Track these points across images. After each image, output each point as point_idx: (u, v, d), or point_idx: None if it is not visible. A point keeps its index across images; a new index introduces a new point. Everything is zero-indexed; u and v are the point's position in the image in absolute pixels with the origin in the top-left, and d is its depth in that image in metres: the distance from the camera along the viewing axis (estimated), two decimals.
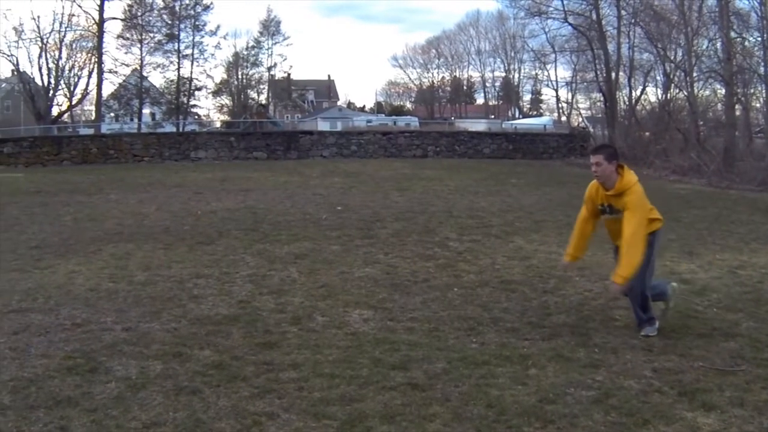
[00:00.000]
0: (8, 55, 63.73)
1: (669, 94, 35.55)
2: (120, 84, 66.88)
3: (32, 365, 6.16)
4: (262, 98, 79.01)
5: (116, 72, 64.56)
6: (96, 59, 59.30)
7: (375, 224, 13.57)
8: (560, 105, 62.68)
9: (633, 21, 37.68)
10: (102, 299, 8.29)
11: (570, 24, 41.33)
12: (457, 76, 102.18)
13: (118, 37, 63.76)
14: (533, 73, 72.52)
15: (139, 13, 62.59)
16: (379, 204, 16.37)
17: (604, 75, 39.18)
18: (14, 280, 9.31)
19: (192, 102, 69.82)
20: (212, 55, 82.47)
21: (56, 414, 5.13)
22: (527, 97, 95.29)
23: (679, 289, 7.51)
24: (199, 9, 65.48)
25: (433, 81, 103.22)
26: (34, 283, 9.05)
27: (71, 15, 60.42)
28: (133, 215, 15.56)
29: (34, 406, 5.29)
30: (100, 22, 57.90)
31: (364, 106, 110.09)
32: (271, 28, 76.40)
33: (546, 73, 65.11)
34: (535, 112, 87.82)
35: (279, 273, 9.68)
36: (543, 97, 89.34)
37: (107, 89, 63.94)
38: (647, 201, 6.77)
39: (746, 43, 31.08)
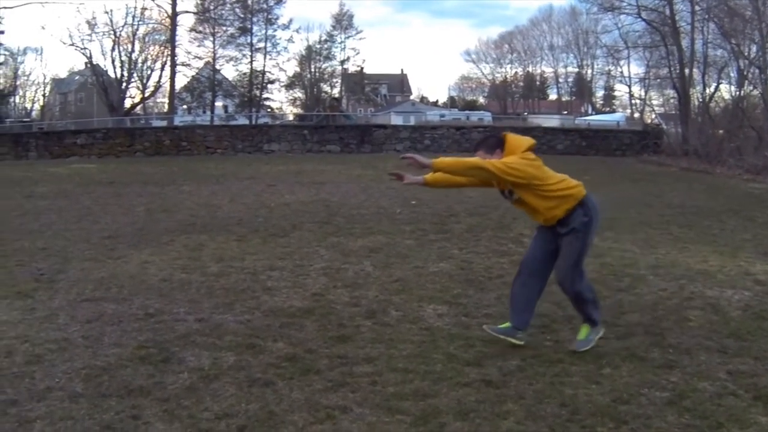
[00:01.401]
0: (82, 48, 65.15)
1: (743, 91, 34.83)
2: (193, 77, 67.77)
3: (105, 354, 6.27)
4: (335, 92, 79.47)
5: (189, 65, 65.62)
6: (169, 52, 60.29)
7: (449, 219, 13.52)
8: (633, 101, 61.87)
9: (707, 17, 36.94)
10: (175, 290, 8.41)
11: (643, 19, 40.82)
12: (530, 71, 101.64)
13: (191, 30, 64.90)
14: (606, 68, 71.84)
15: (211, 7, 63.39)
16: (452, 199, 16.28)
17: (678, 71, 38.46)
18: (87, 269, 9.50)
19: (265, 95, 70.55)
20: (285, 48, 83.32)
21: (128, 403, 5.20)
22: (600, 93, 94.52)
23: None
24: (271, 3, 66.36)
25: (505, 76, 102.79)
26: (107, 273, 9.21)
27: (144, 9, 61.70)
28: (206, 207, 15.77)
29: (106, 394, 5.38)
30: (173, 16, 58.93)
31: (437, 101, 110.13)
32: (343, 22, 76.94)
33: (619, 69, 64.23)
34: (607, 109, 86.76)
35: (353, 266, 9.71)
36: (616, 93, 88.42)
37: (180, 82, 65.04)
38: (527, 168, 6.29)
39: None
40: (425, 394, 5.32)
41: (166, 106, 69.48)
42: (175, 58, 60.79)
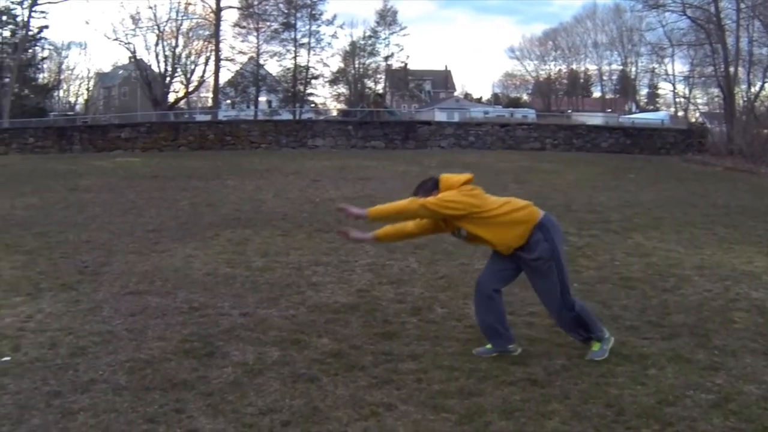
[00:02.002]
0: (126, 43, 65.82)
1: None
2: (237, 71, 68.11)
3: (149, 347, 6.32)
4: (379, 88, 79.48)
5: (233, 60, 65.93)
6: (212, 47, 60.70)
7: None
8: (677, 100, 61.24)
9: (752, 14, 36.43)
10: (219, 284, 8.45)
11: (688, 17, 40.34)
12: (574, 68, 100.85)
13: (235, 25, 65.18)
14: (650, 66, 70.97)
15: (255, 2, 63.64)
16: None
17: (722, 70, 37.96)
18: (132, 262, 9.59)
19: (308, 90, 70.67)
20: (329, 44, 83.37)
21: (172, 396, 5.24)
22: (644, 92, 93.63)
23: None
24: None
25: (549, 73, 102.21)
26: (152, 266, 9.28)
27: (188, 4, 62.06)
28: (250, 201, 15.84)
29: (150, 387, 5.41)
30: (217, 11, 59.21)
31: (480, 98, 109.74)
32: (387, 18, 76.72)
33: (663, 67, 63.49)
34: (651, 107, 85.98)
35: (398, 263, 9.69)
36: (660, 92, 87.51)
37: (224, 77, 65.28)
38: (463, 198, 5.99)
39: None
40: (470, 392, 5.30)
41: (210, 100, 69.94)
42: (219, 53, 61.14)
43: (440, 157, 30.28)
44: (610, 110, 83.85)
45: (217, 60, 60.93)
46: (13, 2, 62.71)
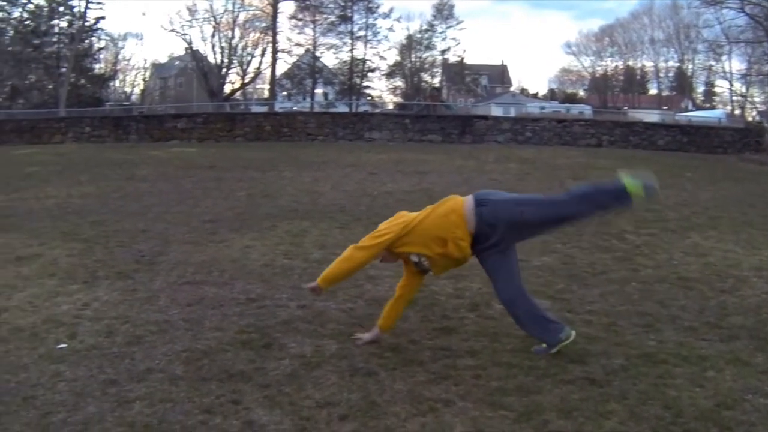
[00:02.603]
0: (182, 34, 66.58)
1: None
2: (293, 63, 68.59)
3: (206, 337, 6.34)
4: (436, 81, 79.51)
5: (290, 52, 66.41)
6: (269, 39, 61.11)
7: None
8: (734, 98, 60.41)
9: None
10: (277, 275, 8.46)
11: (746, 14, 39.80)
12: (630, 65, 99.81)
13: (291, 17, 65.71)
14: (707, 64, 70.28)
15: None
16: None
17: None
18: (188, 252, 9.65)
19: (365, 83, 71.04)
20: (385, 37, 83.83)
21: (229, 387, 5.25)
22: (700, 89, 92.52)
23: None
24: None
25: (606, 69, 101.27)
26: (208, 256, 9.32)
27: None
28: (307, 193, 15.85)
29: (206, 378, 5.43)
30: (274, 3, 59.70)
31: (537, 93, 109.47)
32: (444, 11, 76.82)
33: (720, 65, 62.72)
34: (708, 105, 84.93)
35: None
36: (716, 89, 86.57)
37: (280, 68, 65.83)
38: (389, 223, 6.05)
39: None
40: (528, 390, 5.26)
41: (266, 92, 70.40)
42: (277, 44, 61.56)
43: (497, 152, 30.11)
44: (666, 108, 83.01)
45: (274, 52, 61.47)
46: None
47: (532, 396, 5.14)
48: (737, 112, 56.46)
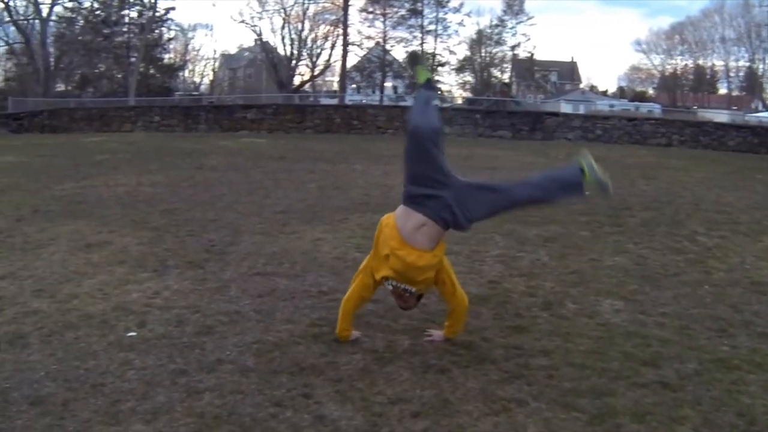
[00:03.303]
0: (252, 25, 67.13)
1: None
2: (363, 57, 68.92)
3: (277, 330, 6.36)
4: (505, 77, 79.39)
5: (360, 45, 66.77)
6: (340, 32, 61.55)
7: (623, 212, 13.13)
8: None
9: None
10: (349, 268, 8.39)
11: None
12: (700, 64, 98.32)
13: (362, 10, 66.05)
14: None
15: None
16: (626, 191, 15.86)
17: None
18: (259, 243, 9.66)
19: (435, 77, 71.08)
20: (456, 32, 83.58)
21: (300, 381, 5.26)
22: None
23: None
24: None
25: (675, 68, 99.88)
26: (279, 248, 9.33)
27: None
28: (378, 186, 15.80)
29: (277, 370, 5.45)
30: None
31: (606, 90, 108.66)
32: (514, 7, 76.63)
33: None
34: None
35: (529, 255, 9.55)
36: None
37: (350, 61, 66.15)
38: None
39: None
40: (602, 392, 5.23)
41: (335, 84, 70.78)
42: (347, 37, 61.79)
43: (567, 149, 29.80)
44: (735, 108, 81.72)
45: (345, 45, 61.57)
46: None
47: (605, 398, 5.12)
48: None
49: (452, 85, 78.53)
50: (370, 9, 66.82)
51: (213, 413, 4.76)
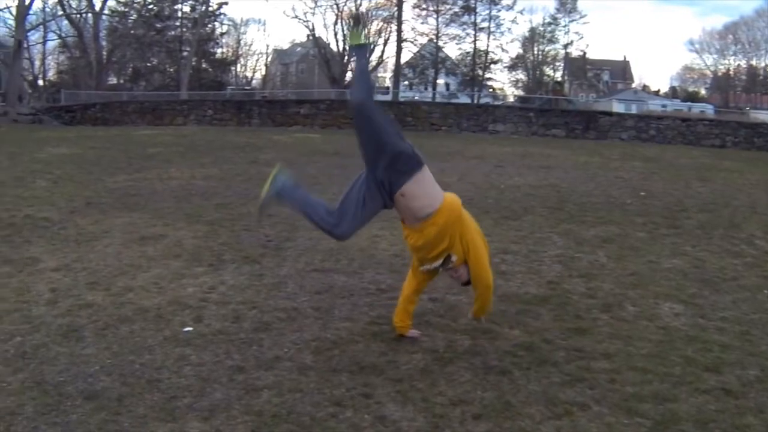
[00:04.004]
0: (304, 21, 67.38)
1: None
2: (415, 53, 69.21)
3: (335, 327, 6.33)
4: (557, 75, 79.20)
5: (413, 41, 67.01)
6: (392, 28, 61.83)
7: (679, 214, 12.97)
8: None
9: None
10: (406, 266, 8.23)
11: None
12: (753, 64, 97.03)
13: (415, 6, 66.22)
14: None
15: None
16: (681, 193, 15.70)
17: None
18: (316, 239, 9.56)
19: (487, 75, 71.34)
20: (509, 29, 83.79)
21: (360, 380, 5.22)
22: None
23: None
24: None
25: (728, 68, 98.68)
26: (336, 244, 9.24)
27: None
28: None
29: (336, 369, 5.41)
30: None
31: (658, 90, 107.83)
32: (568, 5, 76.42)
33: None
34: None
35: (587, 256, 9.45)
36: None
37: (402, 58, 66.35)
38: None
39: None
40: (664, 397, 5.16)
41: (387, 80, 70.96)
42: (402, 33, 61.97)
43: (621, 149, 29.63)
44: None
45: (399, 41, 61.73)
46: None
47: (668, 404, 5.05)
48: None
49: (504, 82, 78.65)
50: (423, 5, 67.07)
51: (271, 412, 4.72)
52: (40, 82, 77.22)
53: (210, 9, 67.64)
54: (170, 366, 5.40)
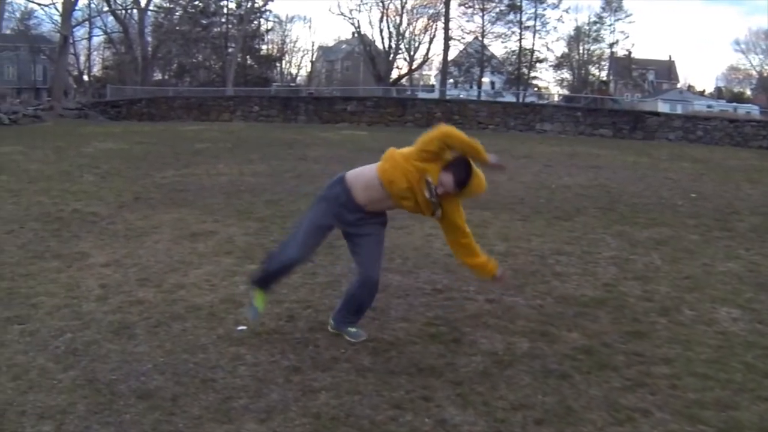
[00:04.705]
0: (350, 18, 67.55)
1: None
2: (461, 51, 69.48)
3: (392, 328, 6.25)
4: (603, 75, 79.02)
5: (461, 39, 67.34)
6: (438, 26, 62.53)
7: (731, 216, 12.79)
8: None
9: None
10: (461, 266, 8.23)
11: None
12: None
13: (461, 4, 66.58)
14: None
15: None
16: (731, 195, 15.50)
17: None
18: None
19: (532, 73, 71.43)
20: (554, 28, 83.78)
21: (419, 382, 5.14)
22: None
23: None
24: None
25: None
26: (390, 243, 9.13)
27: None
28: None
29: (395, 371, 5.33)
30: None
31: (703, 90, 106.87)
32: (613, 4, 76.18)
33: None
34: None
35: (641, 258, 9.31)
36: None
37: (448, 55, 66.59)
38: None
39: None
40: (726, 404, 5.05)
41: (432, 78, 71.11)
42: (449, 31, 62.11)
43: (669, 149, 29.39)
44: None
45: (446, 39, 61.89)
46: None
47: (730, 412, 4.94)
48: None
49: (549, 81, 78.56)
50: (469, 3, 67.23)
51: (330, 414, 4.65)
52: (85, 78, 78.16)
53: (255, 5, 68.08)
54: (225, 365, 5.35)
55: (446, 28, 62.22)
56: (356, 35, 70.58)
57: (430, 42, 67.16)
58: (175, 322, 6.24)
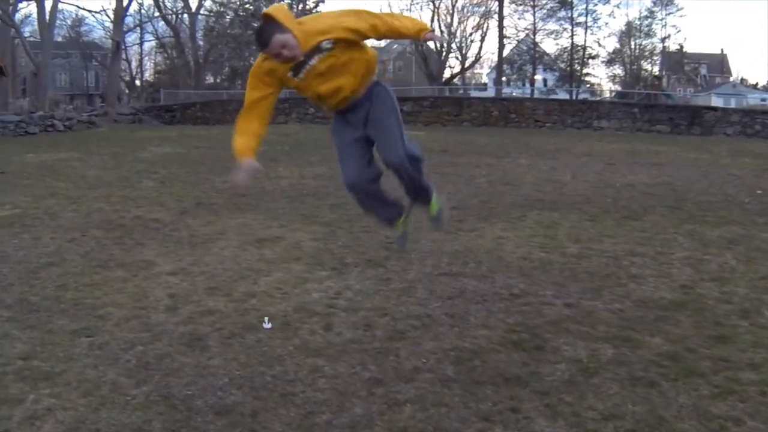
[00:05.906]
0: None
1: None
2: (513, 49, 69.53)
3: (473, 335, 6.10)
4: (655, 70, 78.44)
5: (510, 37, 67.43)
6: (489, 24, 62.23)
7: None
8: None
9: None
10: (536, 270, 8.12)
11: None
12: None
13: (512, 2, 66.47)
14: None
15: None
16: None
17: None
18: (439, 240, 9.37)
19: (585, 70, 71.18)
20: (606, 23, 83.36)
21: (505, 393, 5.00)
22: None
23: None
24: None
25: None
26: (461, 246, 9.08)
27: None
28: (549, 182, 15.49)
29: (480, 381, 5.20)
30: None
31: (756, 83, 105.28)
32: None
33: None
34: None
35: (715, 258, 9.03)
36: None
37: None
38: None
39: None
40: None
41: (484, 77, 70.98)
42: (504, 29, 62.10)
43: (728, 145, 28.93)
44: None
45: (501, 37, 61.91)
46: None
47: None
48: None
49: (602, 77, 78.11)
50: (520, 1, 67.08)
51: (417, 428, 4.54)
52: (137, 83, 79.08)
53: (307, 8, 68.20)
54: (304, 378, 5.24)
55: (500, 26, 62.20)
56: None
57: (482, 40, 67.02)
58: (249, 332, 6.14)
